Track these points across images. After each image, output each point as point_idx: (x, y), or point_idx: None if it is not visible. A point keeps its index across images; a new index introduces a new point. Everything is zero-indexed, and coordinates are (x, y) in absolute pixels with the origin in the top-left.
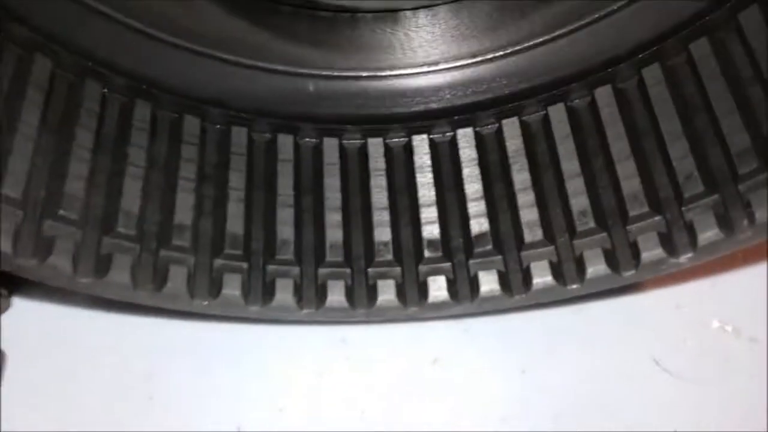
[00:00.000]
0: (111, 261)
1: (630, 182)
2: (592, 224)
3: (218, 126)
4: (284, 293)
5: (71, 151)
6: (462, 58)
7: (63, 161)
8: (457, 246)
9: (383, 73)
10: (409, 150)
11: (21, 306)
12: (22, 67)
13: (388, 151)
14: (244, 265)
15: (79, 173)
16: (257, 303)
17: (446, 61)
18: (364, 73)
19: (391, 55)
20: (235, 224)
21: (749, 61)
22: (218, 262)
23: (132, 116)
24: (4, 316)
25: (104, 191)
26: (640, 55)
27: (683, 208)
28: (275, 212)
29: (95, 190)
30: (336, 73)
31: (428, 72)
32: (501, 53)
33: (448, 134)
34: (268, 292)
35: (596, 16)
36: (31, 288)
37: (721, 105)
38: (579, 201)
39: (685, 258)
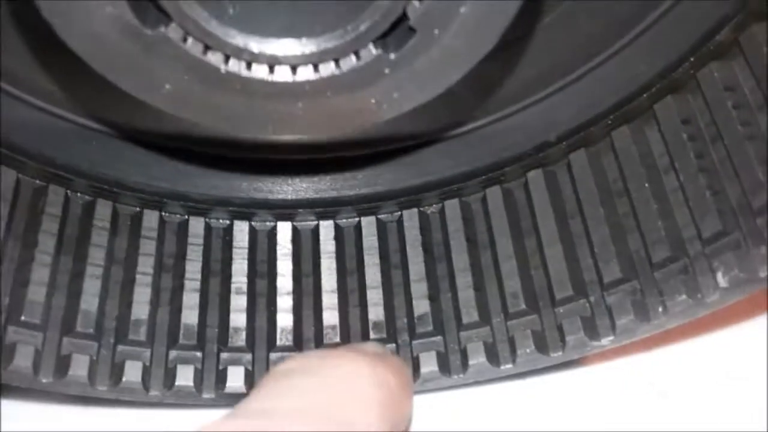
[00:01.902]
0: (70, 360)
1: (557, 265)
2: (522, 306)
3: (177, 216)
4: (236, 380)
5: (34, 258)
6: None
7: (26, 268)
8: (402, 326)
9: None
10: (358, 231)
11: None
12: None
13: (338, 232)
14: (198, 354)
15: (41, 279)
16: (210, 392)
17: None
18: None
19: None
20: (189, 314)
21: (666, 150)
22: (173, 353)
23: (93, 215)
24: None
25: (65, 293)
26: (568, 141)
27: (604, 293)
28: (229, 299)
29: (56, 292)
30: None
31: (374, 156)
32: (442, 137)
33: (395, 214)
34: (221, 380)
35: (527, 102)
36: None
37: (639, 192)
38: (512, 282)
39: (606, 341)
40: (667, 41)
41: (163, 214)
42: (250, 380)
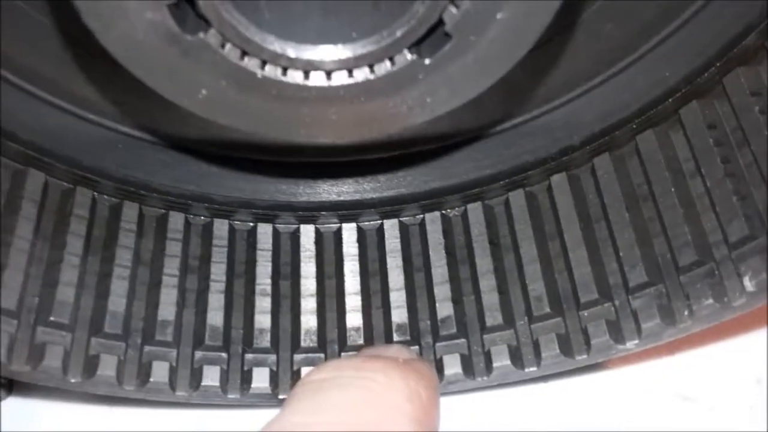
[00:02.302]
0: (98, 360)
1: (581, 269)
2: (547, 309)
3: (201, 218)
4: (260, 381)
5: (63, 259)
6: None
7: (55, 269)
8: (425, 329)
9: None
10: (381, 233)
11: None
12: (17, 181)
13: (361, 235)
14: (224, 355)
15: (70, 280)
16: (236, 392)
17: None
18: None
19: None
20: (215, 316)
21: (691, 155)
22: (199, 353)
23: (120, 217)
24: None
25: (93, 294)
26: (592, 145)
27: (629, 296)
28: (253, 301)
29: (84, 293)
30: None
31: (397, 159)
32: (465, 140)
33: (418, 217)
34: (246, 380)
35: (551, 106)
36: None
37: (664, 197)
38: (536, 286)
39: (632, 344)
40: (692, 46)
41: (188, 216)
42: (275, 381)
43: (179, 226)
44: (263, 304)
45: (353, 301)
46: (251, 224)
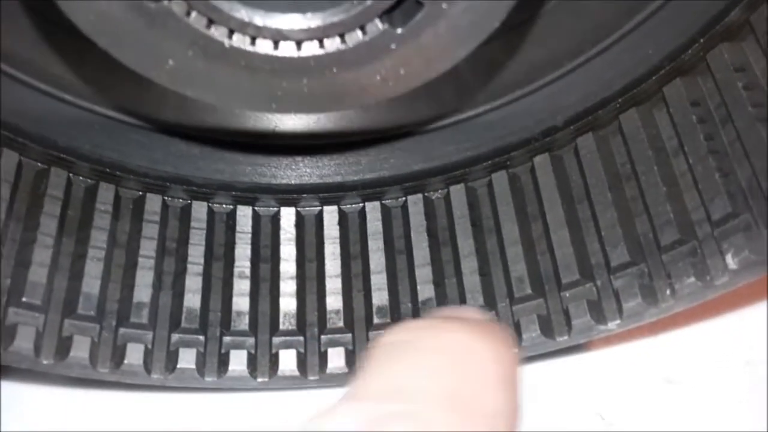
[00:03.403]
0: (71, 342)
1: (563, 249)
2: (528, 290)
3: (180, 201)
4: (238, 364)
5: (36, 240)
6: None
7: (28, 250)
8: (406, 312)
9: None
10: (363, 216)
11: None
12: None
13: (342, 217)
14: (201, 337)
15: (43, 260)
16: (212, 375)
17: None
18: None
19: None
20: (192, 298)
21: (674, 133)
22: (175, 336)
23: (96, 199)
24: None
25: (67, 275)
26: (575, 125)
27: (611, 276)
28: (232, 283)
29: (58, 274)
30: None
31: (379, 141)
32: (448, 122)
33: (400, 199)
34: (223, 363)
35: (533, 86)
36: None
37: (647, 176)
38: (518, 267)
39: (613, 324)
40: (675, 23)
41: (166, 198)
42: (253, 364)
43: (156, 208)
44: (242, 286)
45: (334, 284)
46: (231, 207)
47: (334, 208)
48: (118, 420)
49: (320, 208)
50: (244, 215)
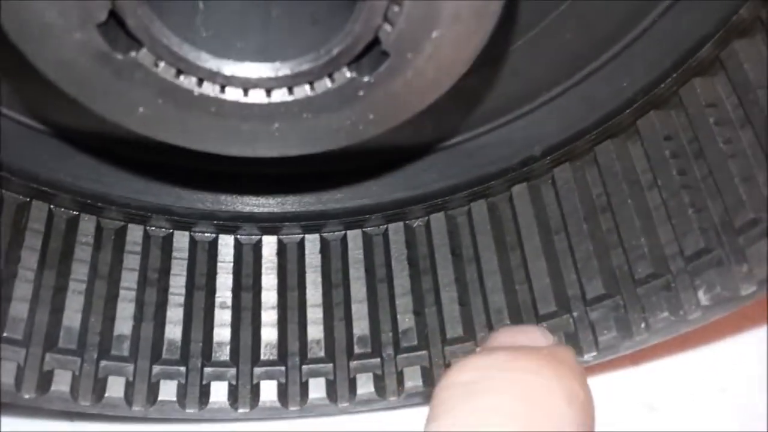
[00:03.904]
0: (52, 376)
1: (541, 281)
2: (507, 321)
3: (162, 230)
4: (219, 395)
5: (17, 274)
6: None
7: (8, 284)
8: (387, 341)
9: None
10: (344, 244)
11: None
12: None
13: (324, 246)
14: (182, 369)
15: (24, 295)
16: (194, 406)
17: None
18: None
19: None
20: (173, 329)
21: (648, 166)
22: (156, 368)
23: (77, 230)
24: None
25: (48, 308)
26: (553, 155)
27: (587, 308)
28: (213, 314)
29: (39, 308)
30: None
31: (360, 170)
32: (427, 151)
33: (382, 227)
34: (204, 394)
35: (511, 116)
36: None
37: (622, 208)
38: (496, 298)
39: (589, 356)
40: (649, 57)
41: (148, 228)
42: (234, 395)
43: (138, 239)
44: (223, 316)
45: (315, 313)
46: (213, 235)
47: (316, 236)
48: None
49: (302, 236)
50: (226, 244)
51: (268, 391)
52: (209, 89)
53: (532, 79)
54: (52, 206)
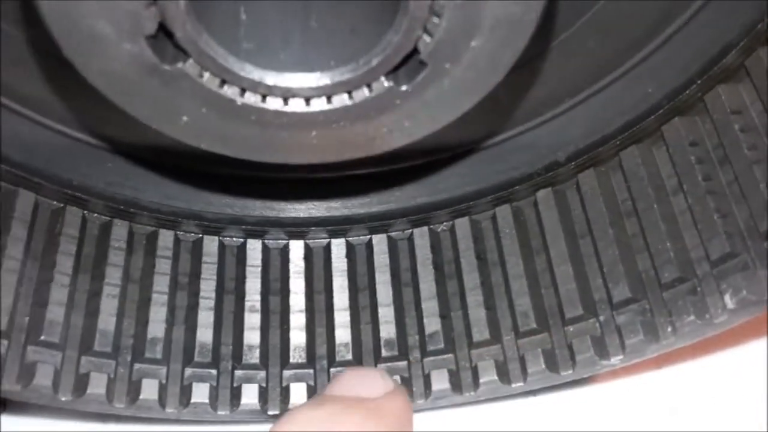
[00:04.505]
0: (89, 378)
1: (567, 285)
2: (533, 325)
3: (191, 235)
4: (250, 397)
5: (53, 279)
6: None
7: (44, 289)
8: (413, 344)
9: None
10: (370, 248)
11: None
12: (7, 202)
13: (350, 250)
14: (213, 371)
15: (60, 299)
16: (225, 408)
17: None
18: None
19: None
20: (204, 332)
21: (674, 171)
22: (188, 370)
23: (110, 235)
24: None
25: (83, 312)
26: (577, 161)
27: (614, 312)
28: (243, 317)
29: (74, 312)
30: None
31: (386, 175)
32: (452, 156)
33: (407, 231)
34: (236, 396)
35: (535, 122)
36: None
37: (647, 213)
38: (522, 301)
39: (616, 360)
40: (675, 63)
41: (178, 233)
42: (264, 397)
43: (169, 244)
44: (252, 320)
45: (342, 317)
46: (241, 240)
47: (342, 240)
48: None
49: (328, 240)
50: (254, 248)
51: (298, 393)
52: (251, 99)
53: (558, 85)
54: (85, 212)
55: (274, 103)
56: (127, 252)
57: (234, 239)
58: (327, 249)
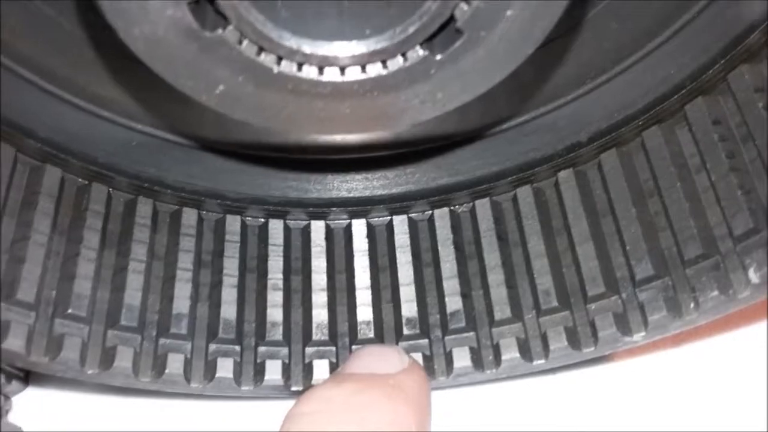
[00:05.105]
0: (115, 352)
1: (589, 263)
2: (555, 303)
3: (214, 214)
4: (273, 373)
5: (79, 253)
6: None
7: (72, 263)
8: (434, 323)
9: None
10: (390, 229)
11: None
12: (34, 177)
13: (370, 231)
14: (237, 347)
15: (86, 273)
16: (249, 384)
17: (424, 145)
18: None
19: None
20: (228, 309)
21: (697, 150)
22: (212, 346)
23: (135, 213)
24: (22, 402)
25: (109, 287)
26: (599, 141)
27: (636, 290)
28: (266, 295)
29: (101, 286)
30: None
31: (406, 156)
32: (473, 137)
33: (427, 213)
34: (259, 372)
35: (558, 103)
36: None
37: (670, 192)
38: (544, 280)
39: (638, 336)
40: (697, 44)
41: (202, 212)
42: (287, 373)
43: (192, 222)
44: (275, 298)
45: (363, 296)
46: (263, 220)
47: (363, 221)
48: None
49: (349, 221)
50: (276, 228)
51: (320, 369)
52: (287, 67)
53: (580, 66)
54: (110, 189)
55: (309, 72)
56: (151, 229)
57: (256, 219)
58: (348, 229)
